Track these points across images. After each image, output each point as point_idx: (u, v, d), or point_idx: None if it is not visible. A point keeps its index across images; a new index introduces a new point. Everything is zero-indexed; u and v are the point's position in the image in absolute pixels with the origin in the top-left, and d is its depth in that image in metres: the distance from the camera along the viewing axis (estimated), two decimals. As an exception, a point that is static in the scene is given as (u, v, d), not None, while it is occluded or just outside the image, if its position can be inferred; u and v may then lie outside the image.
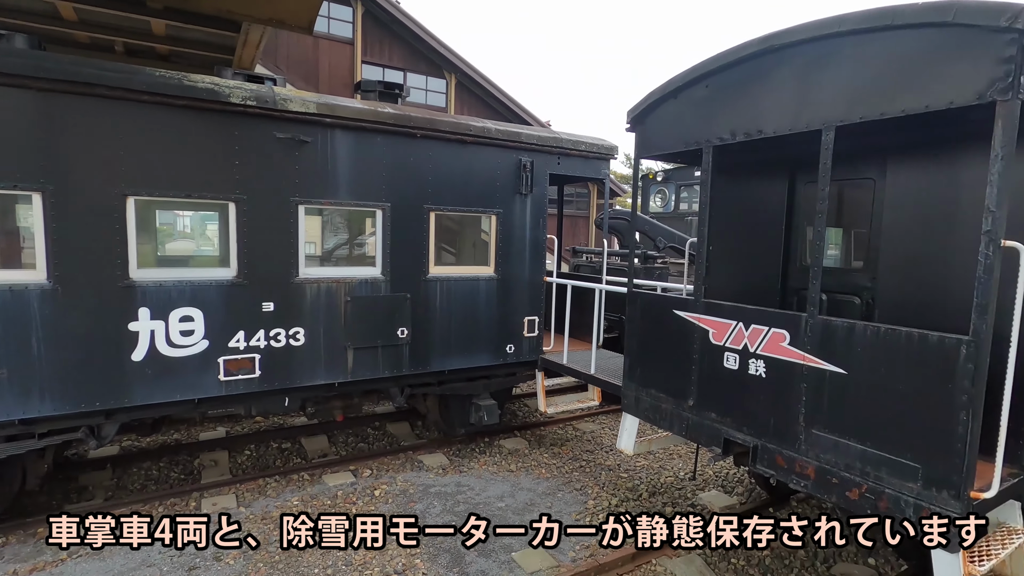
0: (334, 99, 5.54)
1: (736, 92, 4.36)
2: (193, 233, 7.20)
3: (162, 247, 6.20)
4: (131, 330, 4.72)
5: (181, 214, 6.90)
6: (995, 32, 2.92)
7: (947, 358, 3.12)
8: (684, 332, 4.75)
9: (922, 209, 4.40)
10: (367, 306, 5.77)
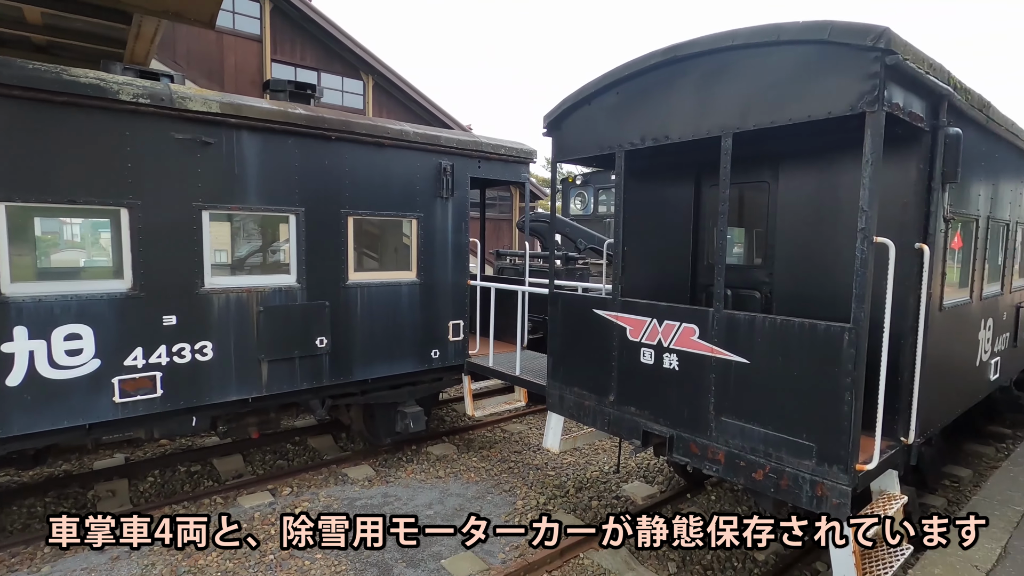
0: (240, 98, 5.24)
1: (644, 99, 4.57)
2: (83, 242, 6.56)
3: (44, 258, 5.60)
4: (4, 352, 4.22)
5: (68, 222, 6.28)
6: (862, 50, 3.25)
7: (832, 345, 3.43)
8: (603, 330, 4.91)
9: (809, 210, 4.81)
10: (282, 316, 5.50)
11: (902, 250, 3.64)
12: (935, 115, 3.87)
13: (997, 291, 5.73)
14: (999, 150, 5.20)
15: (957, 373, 4.96)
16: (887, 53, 3.17)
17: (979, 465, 7.07)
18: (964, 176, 4.27)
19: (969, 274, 4.98)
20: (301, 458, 7.12)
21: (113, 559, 4.74)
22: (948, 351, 4.66)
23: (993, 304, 5.62)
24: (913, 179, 4.00)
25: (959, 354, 4.95)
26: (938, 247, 4.05)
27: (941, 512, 5.65)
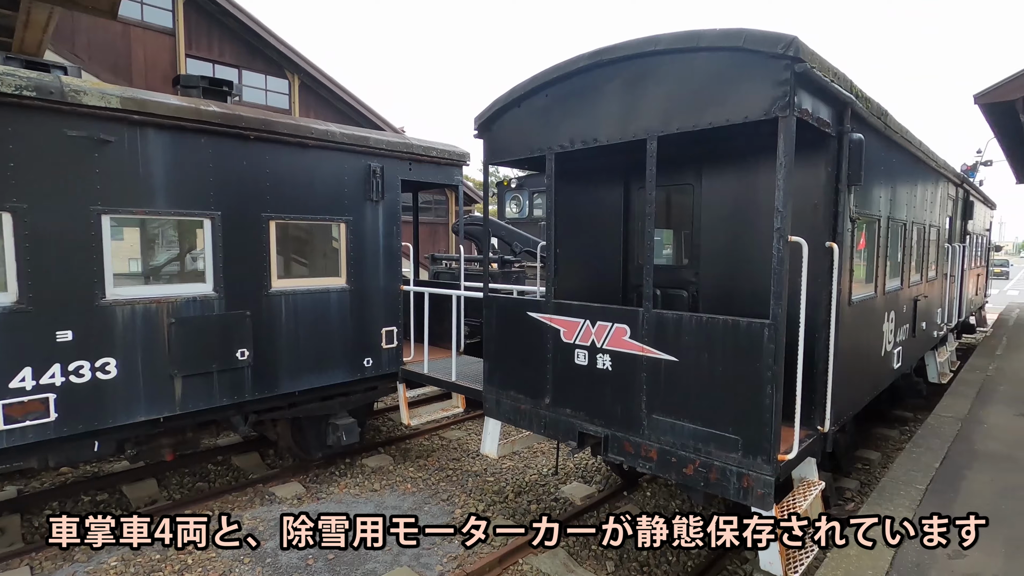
0: (145, 93, 4.84)
1: (573, 102, 4.60)
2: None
3: None
4: None
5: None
6: (773, 58, 3.40)
7: (753, 340, 3.55)
8: (538, 333, 4.89)
9: (731, 211, 5.01)
10: (197, 327, 5.12)
11: (814, 248, 3.84)
12: (840, 121, 4.12)
13: (898, 286, 6.19)
14: (895, 155, 5.63)
15: (866, 363, 5.31)
16: (796, 61, 3.32)
17: (886, 447, 7.63)
18: (866, 179, 4.58)
19: (873, 270, 5.35)
20: (224, 479, 6.67)
21: (-1, 606, 4.23)
22: (857, 343, 4.98)
23: (895, 298, 6.07)
24: (822, 182, 4.24)
25: (867, 345, 5.30)
26: (846, 245, 4.30)
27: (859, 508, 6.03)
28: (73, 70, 5.13)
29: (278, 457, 7.25)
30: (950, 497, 4.43)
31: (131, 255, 5.09)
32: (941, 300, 8.73)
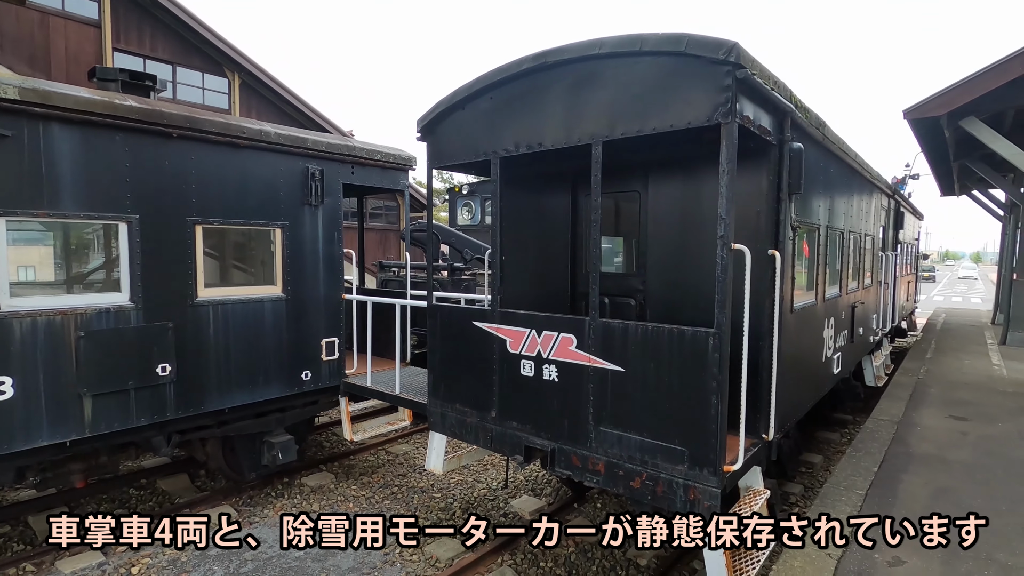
0: (49, 84, 4.40)
1: (518, 105, 4.47)
2: None
3: None
4: None
5: None
6: (715, 63, 3.36)
7: (698, 350, 3.49)
8: (484, 343, 4.71)
9: (676, 219, 4.99)
10: (110, 341, 4.68)
11: (757, 256, 3.83)
12: (781, 130, 4.15)
13: (837, 293, 6.34)
14: (833, 166, 5.77)
15: (808, 369, 5.38)
16: (737, 67, 3.30)
17: (828, 451, 7.82)
18: (806, 189, 4.64)
19: (814, 278, 5.44)
20: (147, 503, 6.16)
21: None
22: (799, 350, 5.03)
23: (834, 305, 6.22)
24: (764, 190, 4.26)
25: (809, 352, 5.37)
26: (788, 253, 4.33)
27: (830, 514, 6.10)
28: (-33, 57, 4.63)
29: (209, 479, 6.76)
30: (889, 501, 4.51)
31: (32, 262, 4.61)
32: (876, 306, 9.08)
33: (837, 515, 4.18)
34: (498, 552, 5.07)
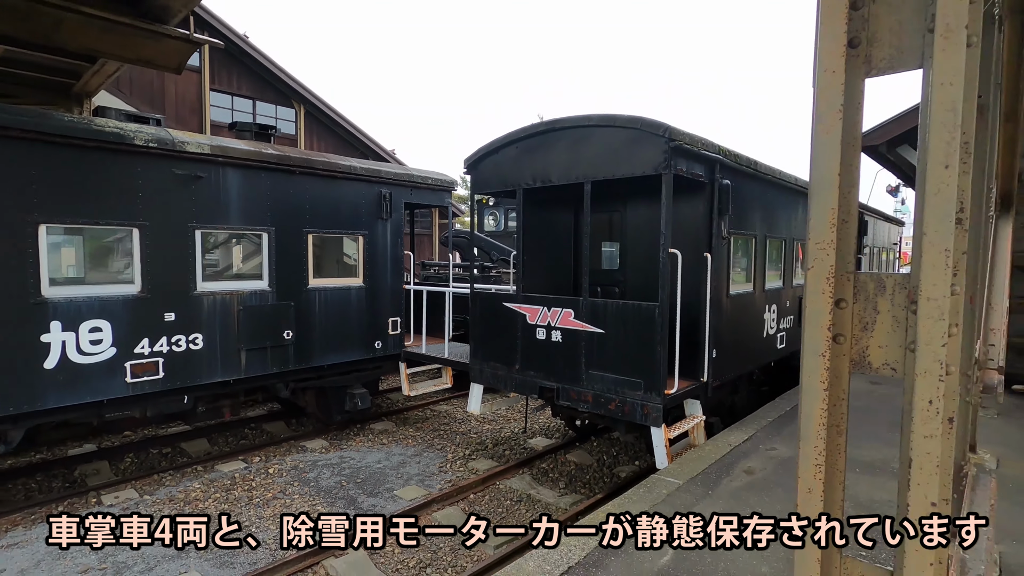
0: (225, 141, 6.63)
1: (535, 152, 6.54)
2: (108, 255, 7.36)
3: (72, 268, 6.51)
4: (43, 341, 5.36)
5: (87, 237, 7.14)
6: (657, 136, 5.40)
7: (648, 316, 5.52)
8: (510, 318, 6.78)
9: (643, 231, 7.02)
10: (257, 313, 6.88)
11: (697, 257, 5.83)
12: (712, 172, 6.14)
13: (780, 285, 8.27)
14: (771, 190, 7.71)
15: (745, 340, 7.32)
16: (670, 140, 5.32)
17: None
18: (742, 209, 6.62)
19: (752, 273, 7.39)
20: (261, 438, 8.36)
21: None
22: (737, 325, 6.98)
23: (776, 295, 8.14)
24: (702, 213, 6.26)
25: (746, 327, 7.32)
26: (720, 256, 6.30)
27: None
28: (163, 121, 6.87)
29: (300, 425, 8.95)
30: (778, 430, 6.44)
31: (213, 259, 6.82)
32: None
33: (732, 439, 6.12)
34: (520, 467, 7.14)
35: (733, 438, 5.80)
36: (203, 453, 7.68)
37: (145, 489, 6.41)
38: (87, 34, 6.97)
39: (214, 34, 11.86)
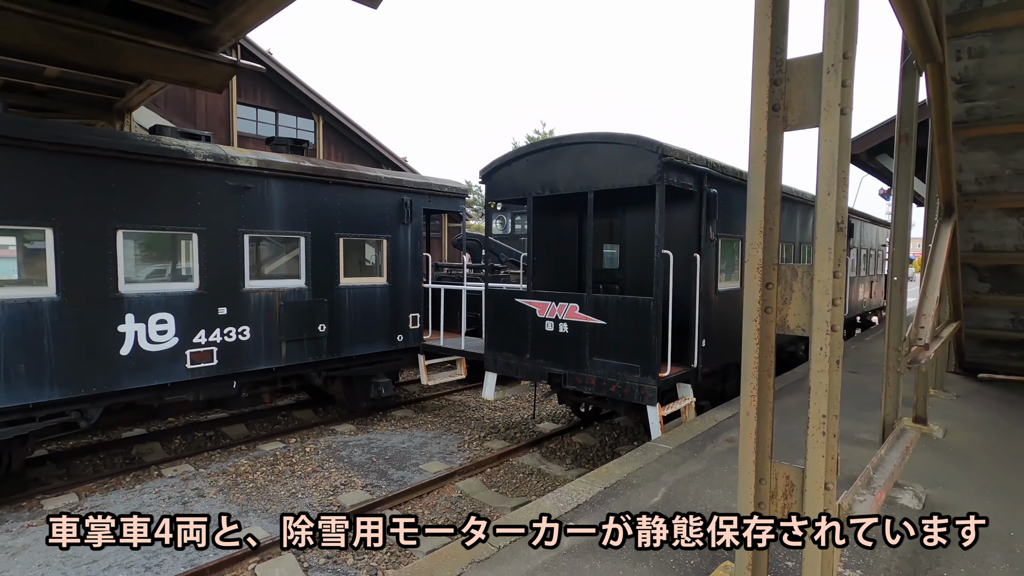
0: (269, 156, 7.46)
1: (544, 165, 7.37)
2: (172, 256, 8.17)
3: (145, 267, 7.30)
4: (119, 331, 6.18)
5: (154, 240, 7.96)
6: (651, 152, 6.22)
7: (645, 309, 6.33)
8: (522, 312, 7.59)
9: (640, 234, 7.83)
10: (295, 308, 7.70)
11: (687, 258, 6.65)
12: (700, 183, 6.96)
13: (765, 284, 9.06)
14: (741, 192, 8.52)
15: (733, 332, 8.09)
16: (663, 155, 6.15)
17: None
18: (729, 214, 7.42)
19: (739, 272, 8.19)
20: (289, 425, 9.17)
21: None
22: (724, 318, 7.78)
23: (762, 292, 8.93)
24: (692, 218, 7.08)
25: (734, 321, 8.08)
26: (709, 256, 7.11)
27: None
28: (211, 137, 7.71)
29: (326, 412, 9.76)
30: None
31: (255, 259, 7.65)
32: (818, 298, 11.71)
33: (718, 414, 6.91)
34: (530, 446, 7.95)
35: (719, 415, 6.60)
36: (243, 436, 8.49)
37: (199, 464, 7.23)
38: (143, 60, 7.81)
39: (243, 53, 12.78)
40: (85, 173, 5.90)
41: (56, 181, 5.73)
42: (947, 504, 4.08)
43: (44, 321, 5.68)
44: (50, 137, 5.66)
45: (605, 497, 4.20)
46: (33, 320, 5.62)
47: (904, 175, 4.09)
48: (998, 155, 4.92)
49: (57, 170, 5.72)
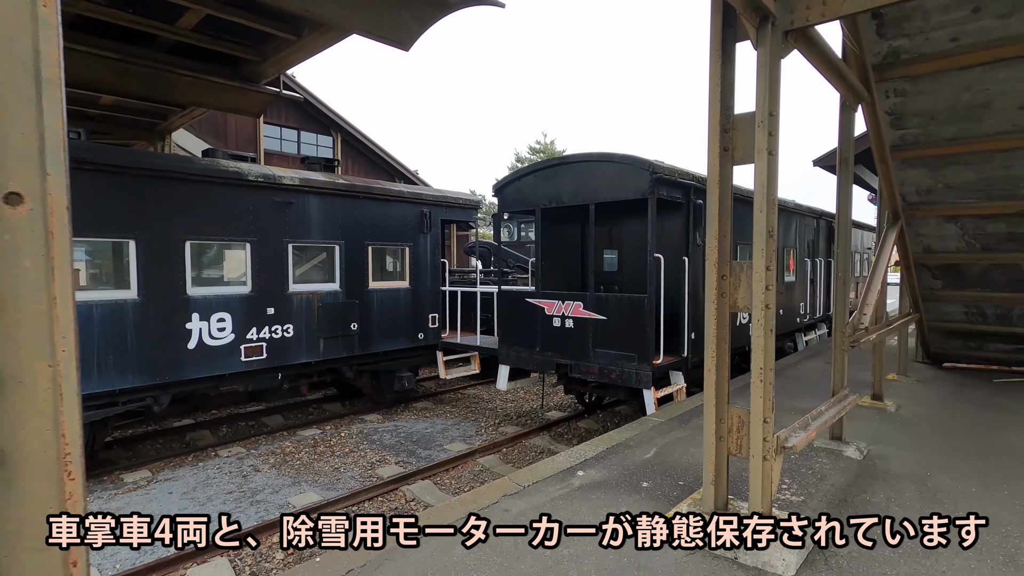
0: (309, 174, 8.48)
1: (550, 180, 8.38)
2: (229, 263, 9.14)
3: (207, 272, 8.25)
4: (187, 328, 7.18)
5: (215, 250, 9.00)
6: (643, 169, 7.23)
7: (641, 306, 7.31)
8: (532, 310, 8.57)
9: (635, 240, 8.83)
10: (331, 309, 8.69)
11: (677, 261, 7.63)
12: (687, 195, 7.96)
13: (750, 284, 10.05)
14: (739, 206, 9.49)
15: (721, 327, 9.10)
16: (653, 172, 7.15)
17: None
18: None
19: (725, 274, 9.17)
20: (323, 415, 10.13)
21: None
22: (712, 314, 8.76)
23: (747, 291, 9.92)
24: (681, 226, 8.07)
25: (721, 317, 9.10)
26: (696, 259, 8.09)
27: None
28: (255, 160, 8.73)
29: (352, 405, 10.73)
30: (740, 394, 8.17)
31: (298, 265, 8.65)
32: (803, 297, 12.69)
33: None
34: (540, 431, 8.91)
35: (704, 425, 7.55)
36: (281, 425, 9.46)
37: (249, 447, 8.19)
38: (196, 91, 8.86)
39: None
40: (161, 193, 6.92)
41: (138, 200, 6.74)
42: (882, 455, 5.04)
43: (127, 319, 6.68)
44: (134, 163, 6.68)
45: (607, 455, 5.17)
46: (119, 318, 6.62)
47: (845, 190, 5.08)
48: (930, 172, 5.90)
49: (139, 191, 6.74)
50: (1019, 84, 4.52)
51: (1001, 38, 4.27)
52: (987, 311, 7.98)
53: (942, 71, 4.68)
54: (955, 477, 4.57)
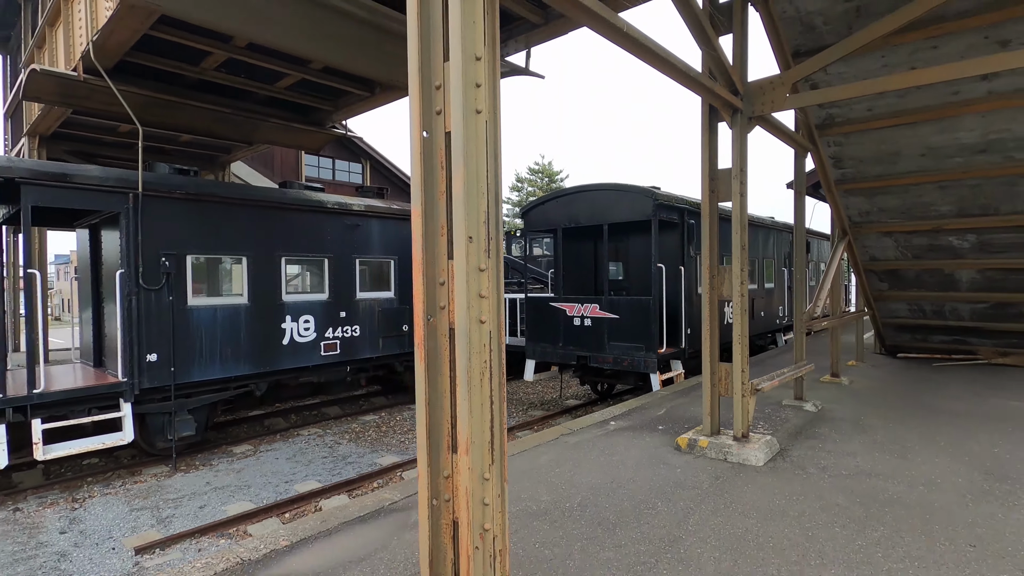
0: (371, 202, 10.26)
1: (569, 205, 10.21)
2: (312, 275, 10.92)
3: (296, 282, 9.94)
4: (282, 328, 8.86)
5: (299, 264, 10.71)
6: (647, 197, 9.08)
7: (647, 306, 9.12)
8: (554, 312, 10.35)
9: (639, 253, 10.69)
10: (388, 313, 10.40)
11: (673, 270, 9.47)
12: (683, 217, 9.83)
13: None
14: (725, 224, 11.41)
15: (711, 325, 10.92)
16: (655, 199, 9.02)
17: (746, 385, 13.26)
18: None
19: (713, 280, 11.01)
20: (366, 405, 11.76)
21: (320, 436, 9.32)
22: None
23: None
24: (677, 241, 9.93)
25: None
26: (690, 269, 9.93)
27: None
28: (323, 190, 10.48)
29: (395, 398, 12.38)
30: (740, 378, 9.96)
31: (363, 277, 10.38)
32: (780, 302, 14.59)
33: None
34: (561, 414, 10.63)
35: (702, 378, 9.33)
36: (339, 414, 11.09)
37: (325, 427, 9.83)
38: (271, 132, 10.64)
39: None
40: (263, 218, 8.65)
41: (248, 225, 8.47)
42: (832, 409, 6.84)
43: (241, 319, 8.36)
44: (244, 195, 8.42)
45: (630, 413, 6.92)
46: (235, 319, 8.30)
47: (799, 213, 6.95)
48: (867, 199, 7.80)
49: (249, 217, 8.47)
50: (915, 140, 6.42)
51: (900, 111, 6.17)
52: (925, 307, 9.88)
53: (864, 130, 6.58)
54: (880, 419, 6.38)
